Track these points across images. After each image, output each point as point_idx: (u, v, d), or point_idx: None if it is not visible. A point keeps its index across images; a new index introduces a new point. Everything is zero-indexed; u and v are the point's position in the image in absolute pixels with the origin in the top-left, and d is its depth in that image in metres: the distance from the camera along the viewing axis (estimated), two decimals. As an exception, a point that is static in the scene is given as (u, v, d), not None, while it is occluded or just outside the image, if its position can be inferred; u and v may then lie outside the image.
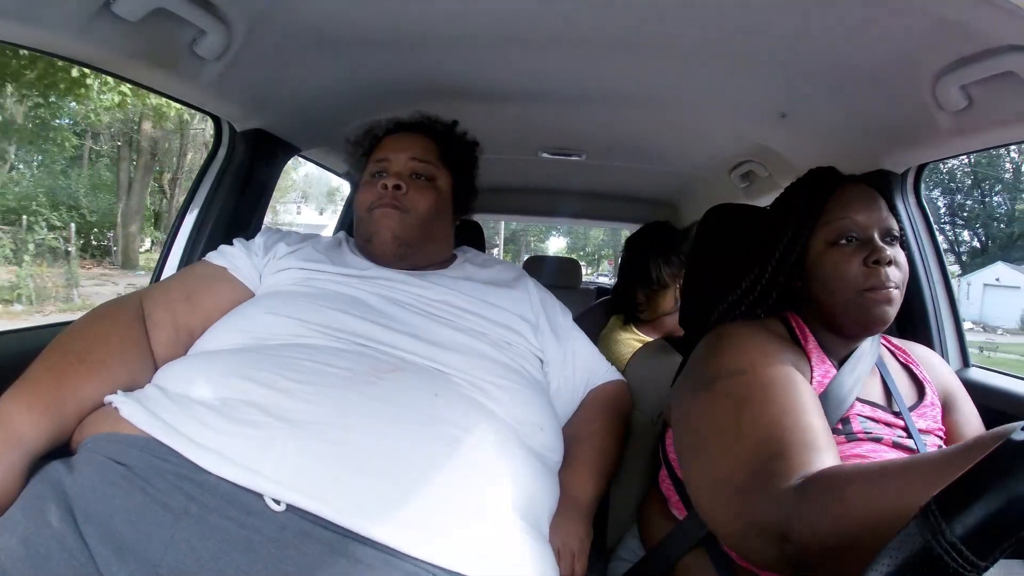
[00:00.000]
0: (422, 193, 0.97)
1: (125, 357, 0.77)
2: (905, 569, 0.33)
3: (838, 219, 0.81)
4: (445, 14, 1.05)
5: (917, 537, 0.33)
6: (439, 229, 1.01)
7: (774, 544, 0.57)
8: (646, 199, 2.76)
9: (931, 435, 0.82)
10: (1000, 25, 0.79)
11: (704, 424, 0.72)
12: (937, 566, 0.32)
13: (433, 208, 0.98)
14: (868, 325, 0.80)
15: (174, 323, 0.85)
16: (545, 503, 0.76)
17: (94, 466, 0.62)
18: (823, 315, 0.83)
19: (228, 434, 0.63)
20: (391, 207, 0.94)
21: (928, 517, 0.33)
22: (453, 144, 1.06)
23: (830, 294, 0.81)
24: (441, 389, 0.74)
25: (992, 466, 0.33)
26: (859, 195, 0.83)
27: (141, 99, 7.61)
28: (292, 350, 0.75)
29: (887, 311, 0.79)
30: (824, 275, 0.81)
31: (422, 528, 0.60)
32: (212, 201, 1.37)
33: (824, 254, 0.82)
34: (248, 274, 0.94)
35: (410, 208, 0.95)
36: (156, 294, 0.88)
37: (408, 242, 0.95)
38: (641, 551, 0.93)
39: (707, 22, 1.00)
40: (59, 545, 0.56)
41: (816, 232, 0.83)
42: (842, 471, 0.56)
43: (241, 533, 0.57)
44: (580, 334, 1.07)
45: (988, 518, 0.32)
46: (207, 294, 0.89)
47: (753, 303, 0.86)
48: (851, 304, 0.80)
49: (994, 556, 0.32)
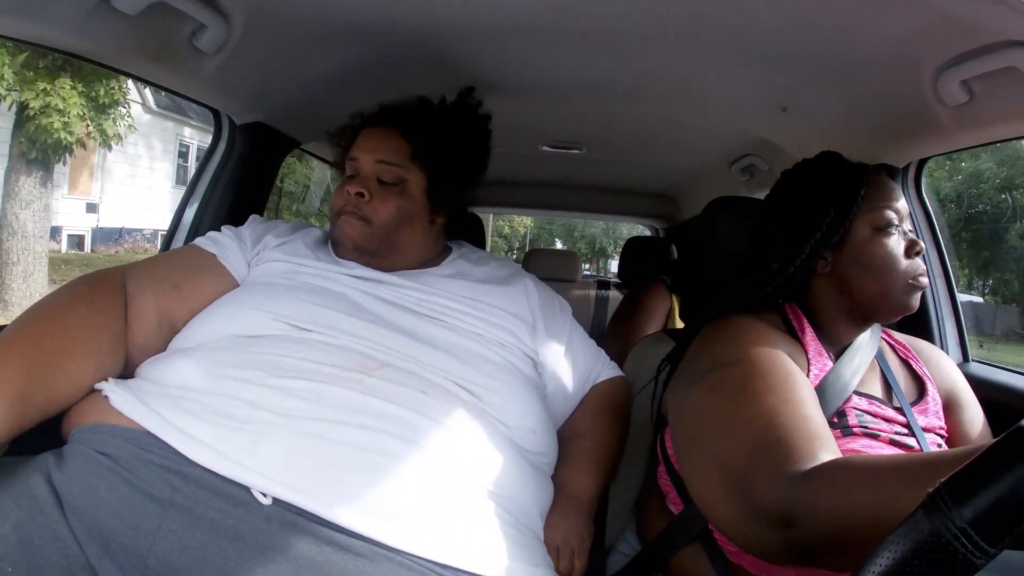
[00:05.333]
0: (385, 202, 0.92)
1: (98, 350, 0.74)
2: (912, 556, 0.33)
3: (882, 207, 0.82)
4: (445, 6, 1.05)
5: (925, 523, 0.33)
6: (408, 236, 0.95)
7: (777, 531, 0.56)
8: (647, 193, 2.76)
9: (932, 433, 0.81)
10: (1001, 20, 0.79)
11: (702, 415, 0.71)
12: (945, 552, 0.32)
13: (396, 217, 0.93)
14: (901, 312, 0.82)
15: (158, 312, 0.81)
16: (535, 502, 0.76)
17: (80, 458, 0.62)
18: (856, 300, 0.82)
19: (218, 427, 0.64)
20: (353, 215, 0.91)
21: (937, 502, 0.33)
22: (434, 137, 0.97)
23: (876, 281, 0.81)
24: (429, 387, 0.74)
25: (1004, 450, 0.33)
26: (892, 185, 0.84)
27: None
28: (280, 346, 0.74)
29: (918, 301, 0.83)
30: (872, 262, 0.81)
31: (409, 522, 0.61)
32: (212, 194, 1.37)
33: (872, 240, 0.81)
34: (237, 265, 0.91)
35: (372, 218, 0.91)
36: (142, 277, 0.83)
37: (369, 251, 0.92)
38: (639, 546, 0.93)
39: (709, 15, 0.99)
40: (51, 534, 0.57)
41: (861, 216, 0.82)
42: (853, 462, 0.56)
43: (228, 523, 0.58)
44: (580, 331, 1.05)
45: (999, 502, 0.32)
46: (195, 284, 0.86)
47: (781, 285, 0.84)
48: (897, 292, 0.81)
49: (1003, 542, 0.32)
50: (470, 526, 0.65)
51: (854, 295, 0.82)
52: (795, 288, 0.85)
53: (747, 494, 0.60)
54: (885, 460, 0.54)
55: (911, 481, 0.49)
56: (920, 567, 0.32)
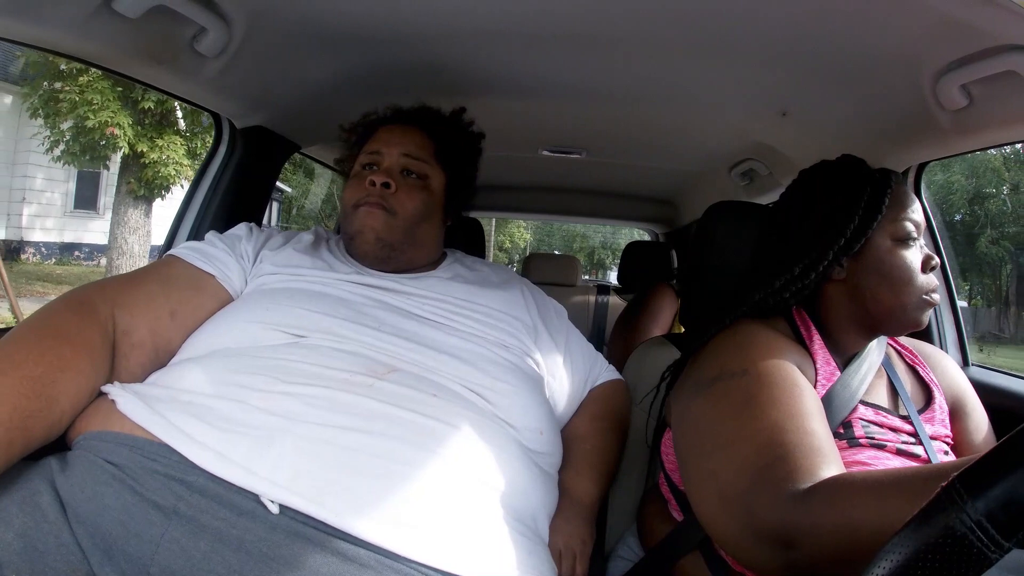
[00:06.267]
0: (411, 194, 0.93)
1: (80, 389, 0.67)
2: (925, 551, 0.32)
3: (903, 218, 0.81)
4: (445, 11, 1.05)
5: (938, 516, 0.32)
6: (426, 232, 0.96)
7: (777, 551, 0.55)
8: (646, 197, 2.75)
9: (938, 441, 0.81)
10: (1001, 24, 0.79)
11: (704, 426, 0.70)
12: (959, 547, 0.31)
13: (421, 211, 0.93)
14: (911, 327, 0.82)
15: (155, 343, 0.77)
16: (543, 506, 0.76)
17: (84, 465, 0.61)
18: (869, 310, 0.81)
19: (225, 431, 0.63)
20: (377, 206, 0.90)
21: (951, 495, 0.32)
22: (452, 141, 1.00)
23: (894, 293, 0.79)
24: (438, 391, 0.73)
25: (1020, 442, 0.32)
26: (911, 195, 0.83)
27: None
28: (289, 352, 0.74)
29: (928, 319, 0.82)
30: (892, 273, 0.80)
31: (417, 529, 0.60)
32: (212, 198, 1.36)
33: (893, 252, 0.80)
34: (236, 282, 0.88)
35: (397, 209, 0.91)
36: (136, 308, 0.77)
37: (391, 244, 0.91)
38: (640, 551, 0.93)
39: (708, 19, 0.99)
40: (55, 540, 0.56)
41: (882, 226, 0.81)
42: (854, 479, 0.55)
43: (232, 533, 0.57)
44: (577, 333, 1.05)
45: (1014, 495, 0.31)
46: (191, 308, 0.82)
47: (796, 292, 0.83)
48: (911, 306, 0.80)
49: (1018, 536, 0.31)
50: (479, 533, 0.64)
51: (867, 304, 0.81)
52: (808, 294, 0.84)
53: (747, 514, 0.59)
54: (886, 475, 0.53)
55: (913, 495, 0.48)
56: (933, 562, 0.32)
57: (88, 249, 10.94)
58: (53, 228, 10.46)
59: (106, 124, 7.32)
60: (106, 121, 7.30)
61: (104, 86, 7.23)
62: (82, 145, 7.68)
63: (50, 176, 9.98)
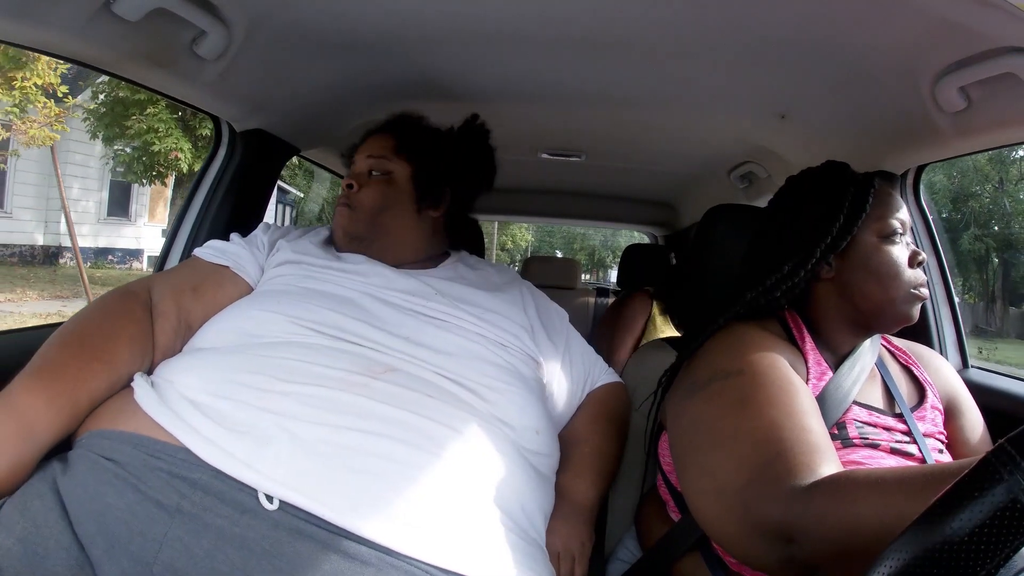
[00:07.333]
0: (371, 189, 1.00)
1: (134, 356, 0.77)
2: (986, 520, 0.30)
3: (888, 215, 0.83)
4: (444, 14, 1.05)
5: (996, 484, 0.30)
6: (392, 220, 1.00)
7: (776, 546, 0.56)
8: (645, 200, 2.76)
9: (932, 439, 0.81)
10: (1000, 26, 0.79)
11: (701, 426, 0.71)
12: (1018, 509, 0.29)
13: (380, 202, 1.00)
14: (902, 321, 0.83)
15: (178, 314, 0.85)
16: (539, 507, 0.76)
17: (87, 464, 0.62)
18: (859, 307, 0.83)
19: (228, 428, 0.64)
20: (343, 205, 1.00)
21: (1003, 458, 0.30)
22: (412, 135, 1.06)
23: (882, 288, 0.81)
24: (434, 390, 0.74)
25: None
26: (896, 196, 0.86)
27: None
28: (288, 351, 0.75)
29: (919, 313, 0.83)
30: (879, 269, 0.82)
31: (415, 527, 0.61)
32: (212, 201, 1.36)
33: (879, 248, 0.82)
34: (252, 272, 0.94)
35: (357, 205, 0.99)
36: (162, 284, 0.88)
37: (356, 236, 0.99)
38: (639, 553, 0.93)
39: (707, 23, 1.00)
40: (56, 544, 0.57)
41: (868, 224, 0.83)
42: (857, 475, 0.55)
43: (235, 531, 0.57)
44: (577, 336, 1.06)
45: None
46: (212, 287, 0.90)
47: (788, 290, 0.84)
48: (900, 300, 0.81)
49: None
50: (476, 532, 0.64)
51: (857, 301, 0.82)
52: (799, 294, 0.85)
53: (746, 510, 0.59)
54: (889, 473, 0.53)
55: (916, 493, 0.48)
56: (991, 527, 0.30)
57: (121, 253, 12.05)
58: (88, 234, 11.21)
59: (170, 149, 8.84)
60: (170, 146, 8.81)
61: (167, 116, 8.75)
62: (144, 165, 9.32)
63: (85, 186, 11.17)
